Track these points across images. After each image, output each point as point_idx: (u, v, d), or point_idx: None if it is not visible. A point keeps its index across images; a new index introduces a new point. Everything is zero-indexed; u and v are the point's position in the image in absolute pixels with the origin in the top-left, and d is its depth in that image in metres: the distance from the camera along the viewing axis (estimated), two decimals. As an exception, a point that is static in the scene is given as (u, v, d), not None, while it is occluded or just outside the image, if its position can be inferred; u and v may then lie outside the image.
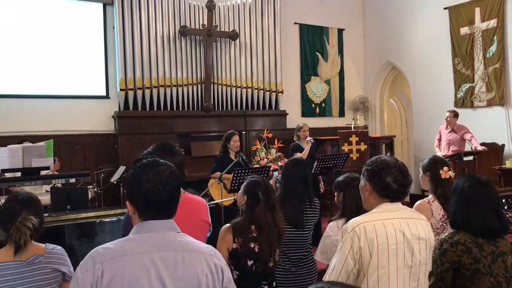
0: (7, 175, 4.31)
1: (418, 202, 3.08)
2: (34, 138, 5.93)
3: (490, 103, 7.79)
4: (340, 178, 3.12)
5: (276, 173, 6.18)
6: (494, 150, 7.51)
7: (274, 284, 2.85)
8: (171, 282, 1.53)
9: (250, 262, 2.69)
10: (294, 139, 6.71)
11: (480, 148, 6.89)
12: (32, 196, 2.40)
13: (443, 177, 2.99)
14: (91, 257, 1.53)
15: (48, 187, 5.29)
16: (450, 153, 7.05)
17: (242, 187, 2.88)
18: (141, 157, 1.74)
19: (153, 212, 1.60)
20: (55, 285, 2.25)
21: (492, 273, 2.24)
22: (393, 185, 2.04)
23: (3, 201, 2.51)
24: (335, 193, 3.12)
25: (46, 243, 2.33)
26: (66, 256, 2.34)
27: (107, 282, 1.47)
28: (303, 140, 6.52)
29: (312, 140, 6.50)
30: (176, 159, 2.25)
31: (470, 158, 6.92)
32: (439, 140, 7.52)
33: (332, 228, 2.98)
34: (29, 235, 2.20)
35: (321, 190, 6.37)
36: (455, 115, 7.25)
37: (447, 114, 7.28)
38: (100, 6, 7.58)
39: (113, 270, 1.48)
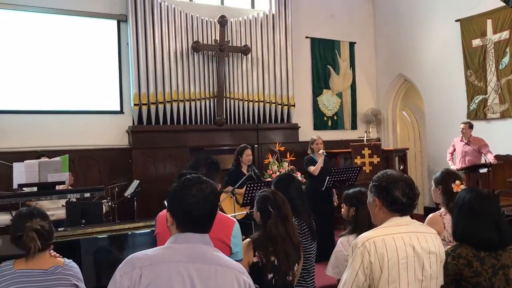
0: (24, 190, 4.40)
1: (431, 215, 3.09)
2: (50, 153, 6.04)
3: (503, 115, 7.72)
4: (350, 193, 3.13)
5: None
6: (508, 162, 7.42)
7: None
8: None
9: (270, 276, 2.73)
10: (308, 152, 6.69)
11: (493, 160, 6.82)
12: (36, 208, 2.54)
13: (455, 190, 2.97)
14: (130, 261, 1.58)
15: (64, 202, 5.37)
16: (466, 164, 6.99)
17: (255, 204, 2.94)
18: (185, 172, 1.81)
19: (191, 225, 1.67)
20: None
21: (493, 286, 2.26)
22: (402, 199, 2.06)
23: None
24: (345, 207, 3.14)
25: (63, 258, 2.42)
26: (79, 270, 2.44)
27: (144, 286, 1.52)
28: (317, 153, 6.50)
29: (324, 153, 6.48)
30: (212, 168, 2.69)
31: (484, 170, 6.86)
32: (452, 153, 7.46)
33: (343, 243, 3.00)
34: (38, 239, 2.27)
35: (335, 203, 6.37)
36: (470, 126, 7.19)
37: (462, 126, 7.22)
38: (114, 23, 7.74)
39: (152, 276, 1.54)
